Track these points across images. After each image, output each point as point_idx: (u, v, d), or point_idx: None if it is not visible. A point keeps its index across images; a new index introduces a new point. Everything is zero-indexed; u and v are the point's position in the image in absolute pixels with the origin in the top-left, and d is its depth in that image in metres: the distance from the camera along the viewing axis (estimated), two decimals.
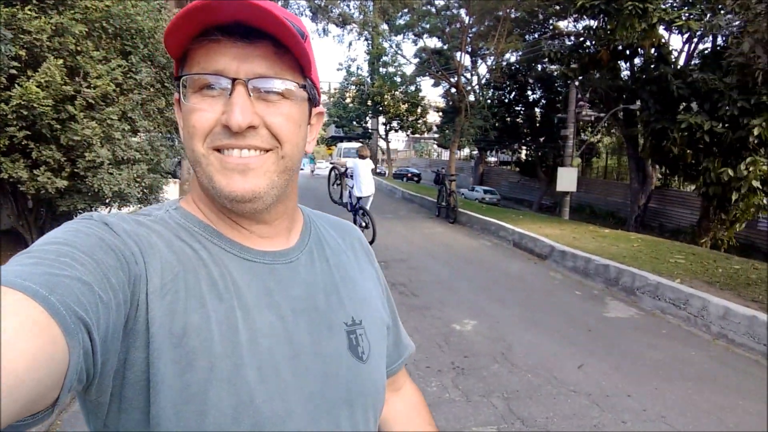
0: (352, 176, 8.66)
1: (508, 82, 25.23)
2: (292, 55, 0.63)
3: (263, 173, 0.63)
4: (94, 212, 0.62)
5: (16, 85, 4.06)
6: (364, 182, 8.46)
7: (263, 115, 0.62)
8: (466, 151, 37.87)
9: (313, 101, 0.70)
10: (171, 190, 11.29)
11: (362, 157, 8.64)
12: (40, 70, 4.12)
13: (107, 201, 5.44)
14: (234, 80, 0.60)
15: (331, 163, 9.81)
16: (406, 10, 20.98)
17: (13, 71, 4.07)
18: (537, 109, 26.53)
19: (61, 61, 4.24)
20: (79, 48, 4.48)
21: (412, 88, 27.01)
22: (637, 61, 14.65)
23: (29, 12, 4.12)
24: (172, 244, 0.63)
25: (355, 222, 8.50)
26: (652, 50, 12.90)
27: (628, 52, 13.30)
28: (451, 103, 23.07)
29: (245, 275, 0.66)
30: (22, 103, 3.98)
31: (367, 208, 8.53)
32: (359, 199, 8.49)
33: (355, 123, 30.50)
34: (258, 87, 0.62)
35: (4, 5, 3.96)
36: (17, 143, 4.34)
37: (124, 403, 0.56)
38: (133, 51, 5.01)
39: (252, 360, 0.61)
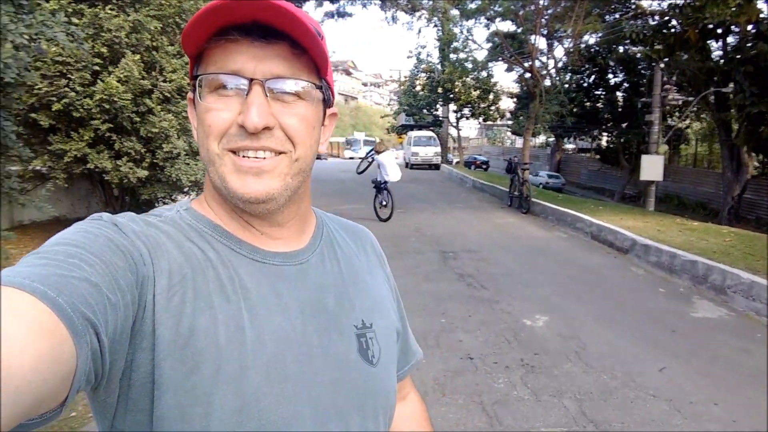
0: (379, 166, 10.25)
1: (587, 66, 24.05)
2: (309, 55, 0.63)
3: (277, 175, 0.64)
4: (103, 213, 0.62)
5: (99, 81, 4.29)
6: (390, 170, 9.97)
7: (279, 116, 0.62)
8: (541, 138, 36.62)
9: (327, 102, 0.70)
10: None
11: (378, 152, 10.25)
12: (120, 66, 4.34)
13: (185, 190, 5.67)
14: (251, 80, 0.60)
15: (371, 154, 11.12)
16: None
17: (96, 68, 4.30)
18: (619, 94, 25.15)
19: (138, 57, 4.44)
20: (154, 44, 4.67)
21: (484, 73, 26.31)
22: (730, 39, 13.45)
23: (110, 11, 4.33)
24: (182, 245, 0.63)
25: (377, 198, 10.39)
26: (749, 27, 11.76)
27: (719, 30, 12.21)
28: (525, 88, 22.28)
29: (254, 277, 0.65)
30: (104, 97, 4.21)
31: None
32: (386, 182, 10.16)
33: (425, 111, 30.23)
34: (275, 87, 0.62)
35: (87, 6, 4.19)
36: (101, 135, 4.60)
37: (130, 404, 0.56)
38: None
39: (258, 362, 0.60)
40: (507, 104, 31.95)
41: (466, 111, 28.36)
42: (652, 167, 14.75)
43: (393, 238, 8.69)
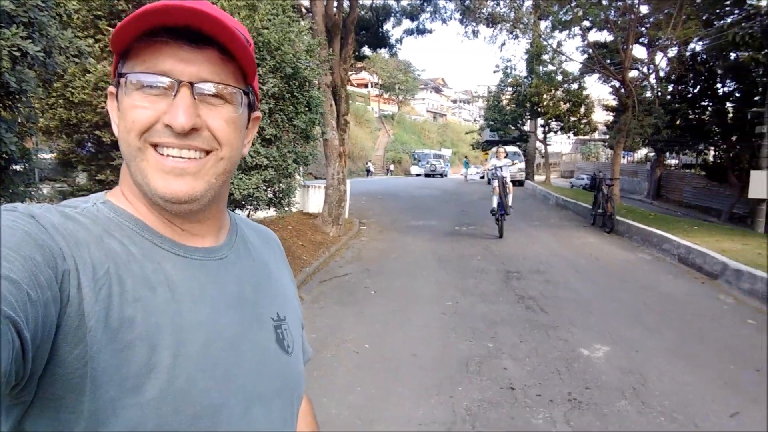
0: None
1: (690, 75, 22.20)
2: (237, 62, 0.66)
3: (201, 176, 0.65)
4: (18, 204, 0.60)
5: None
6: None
7: (206, 117, 0.64)
8: (642, 153, 34.25)
9: (252, 106, 0.73)
10: (311, 195, 11.88)
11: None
12: None
13: (242, 203, 5.80)
14: (180, 82, 0.62)
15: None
16: (568, 7, 19.52)
17: None
18: (729, 104, 22.94)
19: None
20: None
21: (575, 86, 25.05)
22: None
23: None
24: (101, 240, 0.62)
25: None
26: None
27: None
28: (618, 100, 20.93)
29: (178, 270, 0.66)
30: None
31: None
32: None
33: (511, 126, 29.33)
34: (202, 90, 0.63)
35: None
36: None
37: (53, 402, 0.54)
38: (260, 63, 5.28)
39: (190, 350, 0.61)
40: (604, 117, 30.23)
41: (553, 125, 27.16)
42: (761, 184, 13.26)
43: (458, 257, 8.41)
